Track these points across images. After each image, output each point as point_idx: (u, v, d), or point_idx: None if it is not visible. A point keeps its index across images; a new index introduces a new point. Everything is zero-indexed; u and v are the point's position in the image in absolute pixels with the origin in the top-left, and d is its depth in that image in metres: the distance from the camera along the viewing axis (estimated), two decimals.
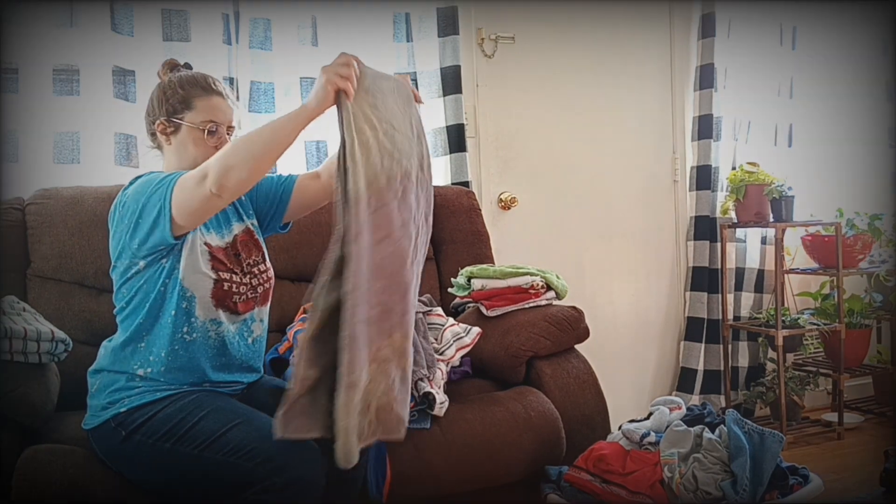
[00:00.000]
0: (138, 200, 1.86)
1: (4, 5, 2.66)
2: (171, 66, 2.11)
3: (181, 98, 2.01)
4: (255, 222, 2.16)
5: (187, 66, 2.12)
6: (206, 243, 1.96)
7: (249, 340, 2.05)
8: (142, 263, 1.90)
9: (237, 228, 2.07)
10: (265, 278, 2.09)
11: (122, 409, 1.88)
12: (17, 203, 2.58)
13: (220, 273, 1.96)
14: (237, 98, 2.99)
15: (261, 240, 2.15)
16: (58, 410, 2.15)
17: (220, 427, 1.80)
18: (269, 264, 2.13)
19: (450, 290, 2.85)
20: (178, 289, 1.91)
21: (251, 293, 2.03)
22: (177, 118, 2.00)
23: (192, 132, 2.00)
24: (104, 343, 2.02)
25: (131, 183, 1.95)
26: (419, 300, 2.61)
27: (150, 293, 1.92)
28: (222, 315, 1.97)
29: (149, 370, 1.91)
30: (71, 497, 1.84)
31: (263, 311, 2.10)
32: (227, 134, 2.05)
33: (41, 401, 2.04)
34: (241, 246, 2.06)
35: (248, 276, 2.04)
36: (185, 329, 1.93)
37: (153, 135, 2.06)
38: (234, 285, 1.99)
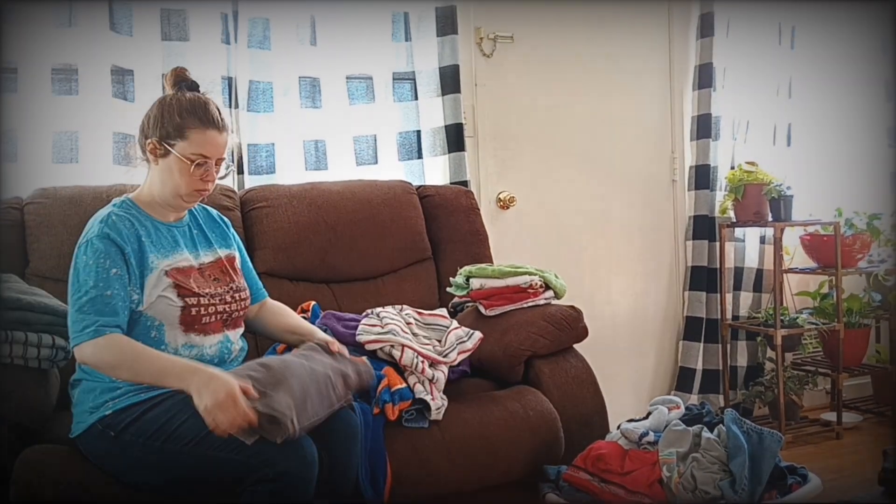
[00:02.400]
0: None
1: (4, 5, 2.66)
2: (178, 78, 2.05)
3: (177, 125, 1.96)
4: (240, 260, 2.22)
5: (194, 85, 2.06)
6: (171, 269, 1.98)
7: (229, 360, 2.06)
8: None
9: (223, 253, 2.14)
10: (243, 305, 2.13)
11: (108, 413, 1.89)
12: (15, 203, 2.58)
13: (187, 299, 1.97)
14: (236, 99, 3.00)
15: (243, 273, 2.20)
16: (56, 410, 2.15)
17: None
18: (246, 293, 2.16)
19: (448, 289, 2.85)
20: (142, 319, 1.94)
21: (223, 314, 2.05)
22: (168, 143, 1.97)
23: (180, 162, 1.97)
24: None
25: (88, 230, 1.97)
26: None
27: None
28: (195, 339, 1.99)
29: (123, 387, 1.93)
30: (69, 497, 1.84)
31: (237, 333, 2.12)
32: (217, 166, 2.02)
33: (40, 402, 2.04)
34: (224, 266, 2.11)
35: (228, 296, 2.07)
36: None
37: (143, 149, 2.04)
38: (203, 308, 2.00)
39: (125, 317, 1.89)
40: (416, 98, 3.32)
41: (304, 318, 2.61)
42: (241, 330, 2.14)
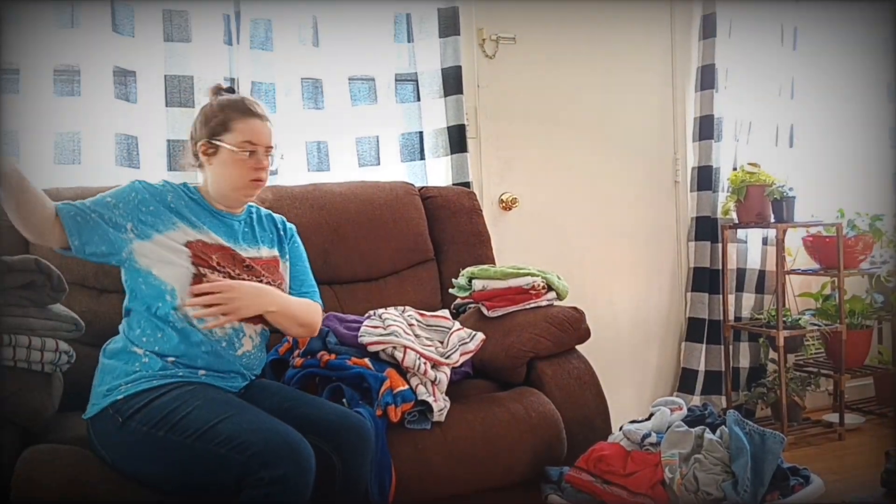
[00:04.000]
0: None
1: (4, 5, 2.66)
2: (217, 90, 2.17)
3: (220, 121, 2.08)
4: (288, 263, 2.24)
5: (230, 89, 2.19)
6: (196, 241, 2.02)
7: (238, 353, 2.06)
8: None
9: (264, 253, 2.16)
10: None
11: (120, 397, 1.92)
12: None
13: (201, 268, 2.01)
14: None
15: (285, 277, 2.21)
16: (58, 411, 2.15)
17: (213, 418, 1.82)
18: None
19: (451, 290, 2.85)
20: (155, 283, 1.99)
21: None
22: (216, 140, 2.06)
23: (231, 153, 2.06)
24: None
25: None
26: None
27: (132, 288, 2.03)
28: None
29: (145, 349, 1.98)
30: (70, 497, 1.84)
31: (255, 331, 2.11)
32: (266, 154, 2.11)
33: (42, 404, 2.05)
34: (261, 264, 2.13)
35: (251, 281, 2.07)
36: (173, 314, 1.99)
37: (196, 155, 2.13)
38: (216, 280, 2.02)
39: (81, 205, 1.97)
40: (419, 99, 3.32)
41: None
42: (258, 329, 2.13)
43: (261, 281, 2.09)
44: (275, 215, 2.31)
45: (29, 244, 2.52)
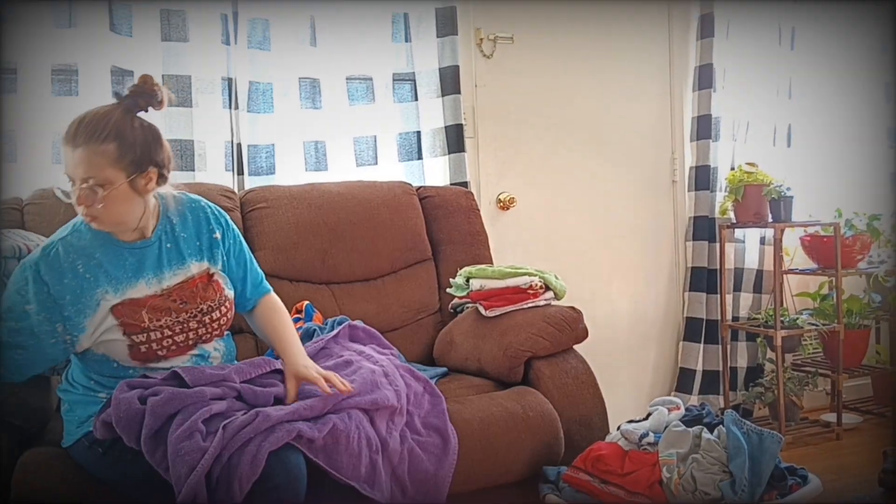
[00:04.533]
0: None
1: (4, 5, 2.66)
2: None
3: None
4: (221, 270, 2.06)
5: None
6: (118, 305, 1.88)
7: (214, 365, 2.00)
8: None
9: (190, 271, 1.98)
10: (215, 327, 2.00)
11: (91, 429, 1.87)
12: (15, 203, 2.58)
13: (134, 336, 1.89)
14: (236, 99, 2.99)
15: (224, 282, 2.04)
16: (56, 413, 2.15)
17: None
18: (225, 309, 2.02)
19: (448, 290, 2.85)
20: (95, 356, 1.91)
21: (190, 339, 1.96)
22: None
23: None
24: (68, 368, 2.03)
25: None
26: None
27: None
28: (156, 365, 1.93)
29: (108, 393, 1.90)
30: (69, 499, 1.84)
31: (219, 341, 2.04)
32: (83, 185, 1.85)
33: (40, 405, 2.05)
34: (192, 288, 1.97)
35: (193, 321, 1.95)
36: (129, 372, 1.92)
37: None
38: (155, 343, 1.91)
39: (36, 347, 1.83)
40: (417, 99, 3.32)
41: (298, 318, 2.61)
42: (222, 338, 2.06)
43: (200, 310, 1.96)
44: (204, 207, 2.06)
45: None
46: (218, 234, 2.05)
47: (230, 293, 2.05)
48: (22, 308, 1.82)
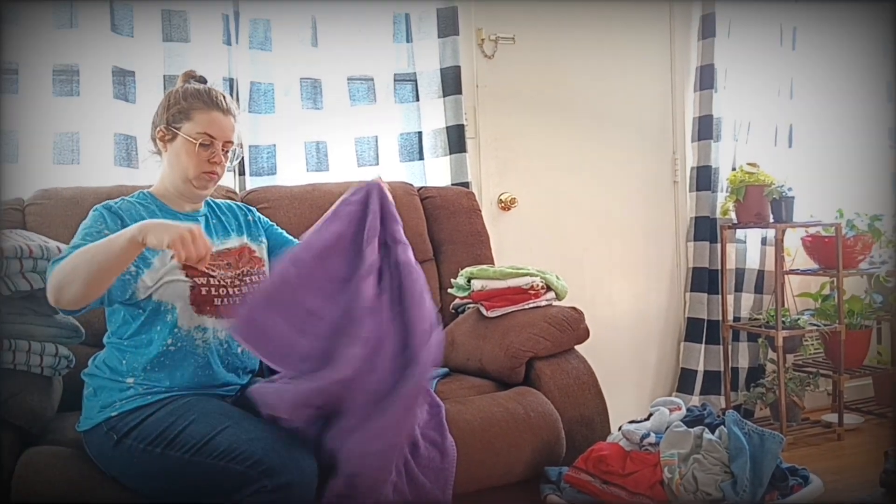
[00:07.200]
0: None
1: (4, 5, 2.66)
2: (189, 76, 2.16)
3: (182, 109, 2.05)
4: (262, 245, 2.21)
5: (202, 79, 2.17)
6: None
7: (239, 350, 2.06)
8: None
9: (232, 243, 2.13)
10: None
11: (114, 414, 1.89)
12: (16, 204, 2.58)
13: (196, 278, 1.98)
14: (237, 100, 2.99)
15: (263, 259, 2.18)
16: (58, 412, 2.15)
17: (210, 431, 1.80)
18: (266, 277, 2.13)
19: (450, 290, 2.85)
20: (155, 305, 1.95)
21: (235, 299, 2.03)
22: (175, 127, 2.04)
23: (186, 143, 2.03)
24: (99, 354, 2.05)
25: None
26: None
27: (130, 315, 1.99)
28: (207, 321, 1.99)
29: (136, 378, 1.94)
30: (69, 499, 1.84)
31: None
32: (224, 150, 2.07)
33: (42, 406, 2.05)
34: (236, 256, 2.10)
35: (238, 279, 2.06)
36: (168, 342, 1.95)
37: (154, 140, 2.10)
38: (213, 288, 2.00)
39: None
40: (418, 99, 3.32)
41: None
42: None
43: (247, 272, 2.09)
44: (232, 203, 2.28)
45: None
46: (251, 217, 2.25)
47: (266, 267, 2.17)
48: (100, 232, 1.91)
